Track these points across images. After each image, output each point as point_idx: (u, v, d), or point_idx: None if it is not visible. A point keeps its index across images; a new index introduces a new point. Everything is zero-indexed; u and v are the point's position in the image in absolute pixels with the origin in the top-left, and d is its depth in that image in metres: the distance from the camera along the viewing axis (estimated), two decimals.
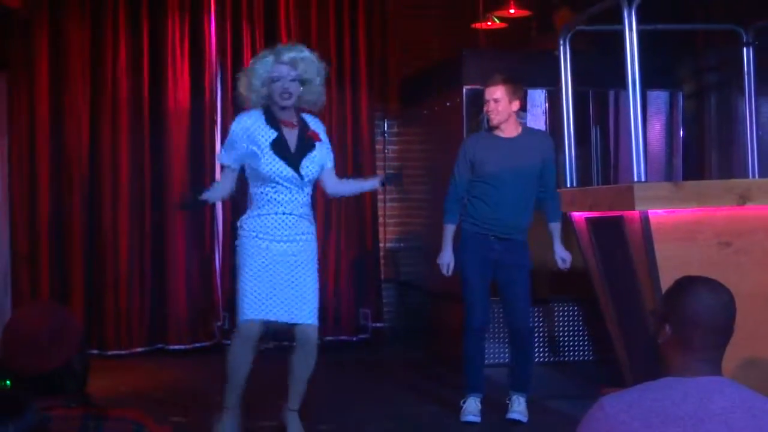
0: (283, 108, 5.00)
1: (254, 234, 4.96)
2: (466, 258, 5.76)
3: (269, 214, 4.96)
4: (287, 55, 5.00)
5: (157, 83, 8.36)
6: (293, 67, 4.98)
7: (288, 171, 4.92)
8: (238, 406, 5.01)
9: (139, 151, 8.31)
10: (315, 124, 5.15)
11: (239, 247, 5.03)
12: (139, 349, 8.19)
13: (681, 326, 2.37)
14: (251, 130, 4.98)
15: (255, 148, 4.93)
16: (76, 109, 8.23)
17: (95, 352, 7.87)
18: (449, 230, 5.83)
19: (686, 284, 2.43)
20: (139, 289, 8.26)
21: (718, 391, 2.29)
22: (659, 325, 2.41)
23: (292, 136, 5.01)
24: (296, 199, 4.98)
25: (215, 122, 8.46)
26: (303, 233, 5.02)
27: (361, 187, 5.60)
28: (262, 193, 4.99)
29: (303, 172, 4.95)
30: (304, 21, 8.59)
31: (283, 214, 4.96)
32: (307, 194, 5.07)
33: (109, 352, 8.04)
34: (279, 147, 4.94)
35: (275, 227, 4.95)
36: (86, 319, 8.02)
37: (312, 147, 5.04)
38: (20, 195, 8.17)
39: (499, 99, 5.71)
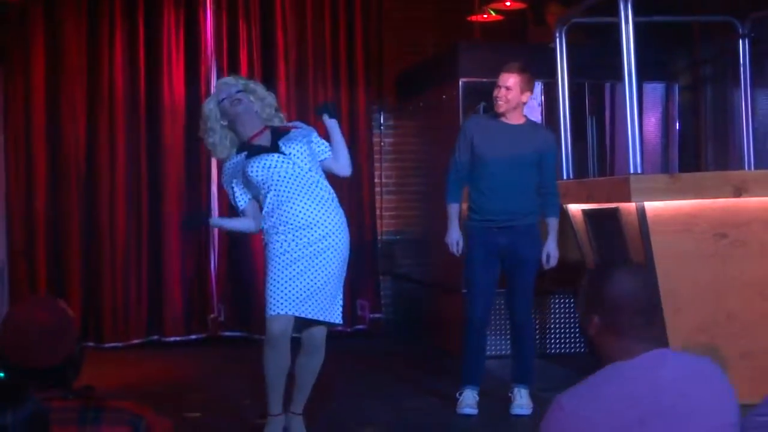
0: (240, 120, 4.89)
1: (275, 231, 4.79)
2: (472, 251, 5.72)
3: (283, 212, 4.77)
4: (223, 79, 5.17)
5: (153, 78, 8.35)
6: (233, 84, 4.99)
7: (270, 158, 4.78)
8: (281, 411, 4.85)
9: (135, 145, 8.31)
10: (294, 126, 5.05)
11: (266, 250, 4.86)
12: (136, 341, 8.20)
13: (608, 313, 2.36)
14: (235, 174, 4.92)
15: (242, 178, 4.88)
16: (72, 103, 8.22)
17: (92, 344, 7.88)
18: (453, 209, 5.76)
19: (602, 272, 2.44)
20: (135, 282, 8.27)
21: (662, 363, 2.29)
22: (588, 318, 2.40)
23: (264, 140, 4.89)
24: (301, 193, 4.80)
25: None
26: (328, 223, 4.81)
27: (337, 140, 5.11)
28: (269, 203, 4.83)
29: (284, 149, 4.79)
30: (300, 14, 8.58)
31: (299, 202, 4.78)
32: (315, 184, 4.85)
33: (106, 345, 8.06)
34: (253, 150, 4.85)
35: (296, 217, 4.77)
36: (83, 312, 8.04)
37: (286, 133, 4.91)
38: (17, 189, 8.17)
39: (511, 87, 5.61)
